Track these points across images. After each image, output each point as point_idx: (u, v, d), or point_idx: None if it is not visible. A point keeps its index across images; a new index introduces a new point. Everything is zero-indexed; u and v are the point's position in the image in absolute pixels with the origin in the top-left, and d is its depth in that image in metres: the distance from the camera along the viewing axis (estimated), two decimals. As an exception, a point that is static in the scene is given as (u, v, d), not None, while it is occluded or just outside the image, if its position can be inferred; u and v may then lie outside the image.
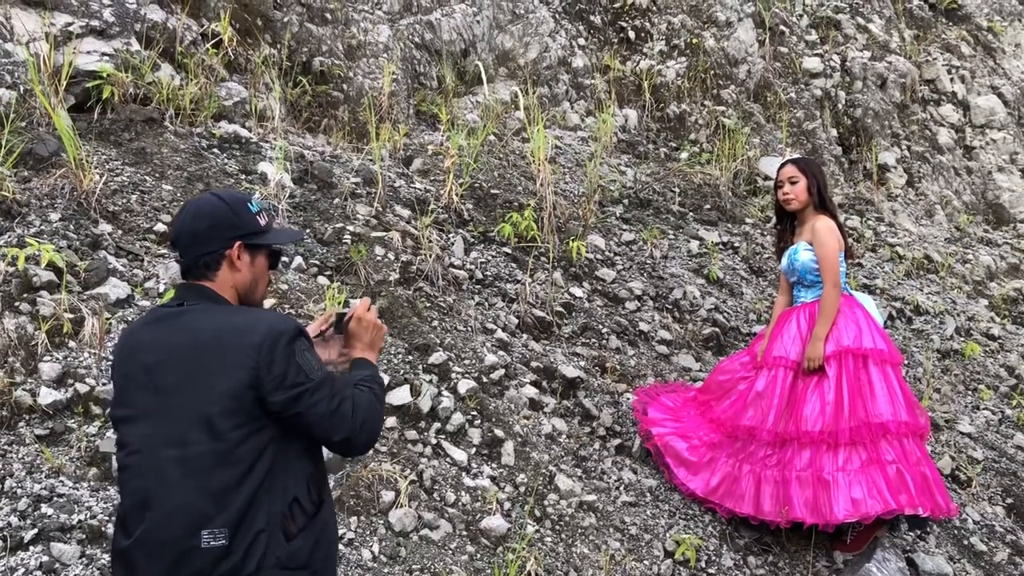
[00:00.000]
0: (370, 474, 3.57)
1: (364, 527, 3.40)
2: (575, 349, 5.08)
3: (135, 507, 2.01)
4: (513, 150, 6.87)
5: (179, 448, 1.99)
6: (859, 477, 3.97)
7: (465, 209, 5.77)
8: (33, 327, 3.42)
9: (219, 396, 2.00)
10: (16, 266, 3.54)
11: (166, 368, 2.05)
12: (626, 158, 7.75)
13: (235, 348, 2.02)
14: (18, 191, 3.99)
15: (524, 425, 4.28)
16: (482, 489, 3.82)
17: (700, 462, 4.26)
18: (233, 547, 1.96)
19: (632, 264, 6.09)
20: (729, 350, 5.63)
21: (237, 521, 1.97)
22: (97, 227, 4.09)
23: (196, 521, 1.95)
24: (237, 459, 2.00)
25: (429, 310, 4.73)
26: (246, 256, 2.18)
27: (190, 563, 1.94)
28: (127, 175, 4.53)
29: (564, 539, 3.80)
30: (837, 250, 4.22)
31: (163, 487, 1.98)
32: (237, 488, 1.99)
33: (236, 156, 5.18)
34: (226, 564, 1.96)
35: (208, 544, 1.94)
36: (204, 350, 2.03)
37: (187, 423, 2.00)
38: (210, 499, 1.97)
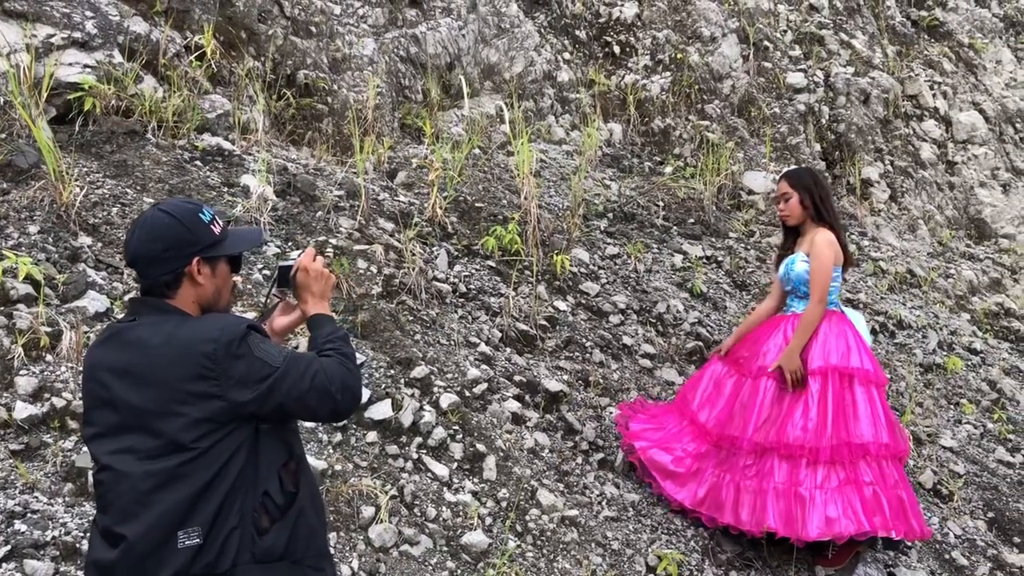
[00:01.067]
0: (350, 489, 3.55)
1: (344, 543, 3.38)
2: (559, 363, 5.07)
3: (114, 522, 2.01)
4: (498, 163, 6.87)
5: (148, 462, 1.99)
6: (836, 496, 3.98)
7: (449, 222, 5.76)
8: (9, 340, 3.39)
9: (179, 409, 1.99)
10: (-7, 279, 3.51)
11: (124, 385, 2.04)
12: (611, 172, 7.77)
13: (189, 360, 2.01)
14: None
15: (506, 440, 4.27)
16: (463, 504, 3.80)
17: (687, 473, 4.25)
18: (207, 545, 1.98)
19: (616, 278, 6.09)
20: (712, 364, 5.63)
21: (211, 520, 1.99)
22: (76, 240, 4.06)
23: (171, 526, 1.97)
24: (207, 465, 2.01)
25: (412, 324, 4.72)
26: (206, 269, 2.17)
27: (168, 566, 1.96)
28: (108, 187, 4.50)
29: (546, 554, 3.78)
30: (830, 266, 4.22)
31: (137, 503, 1.99)
32: (208, 491, 2.00)
33: (219, 169, 5.15)
34: (200, 562, 1.98)
35: (183, 544, 1.97)
36: (158, 365, 2.02)
37: (151, 437, 2.00)
38: (183, 506, 1.98)
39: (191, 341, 2.03)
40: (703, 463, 4.26)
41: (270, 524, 2.08)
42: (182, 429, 1.98)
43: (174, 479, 1.98)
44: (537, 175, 6.71)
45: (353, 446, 3.83)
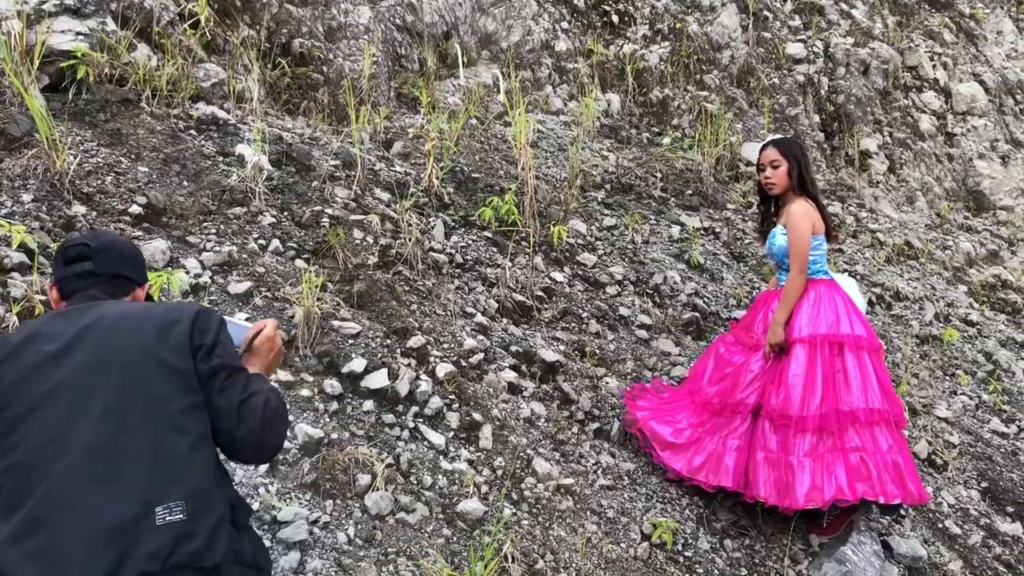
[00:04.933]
0: (346, 457, 3.56)
1: (340, 510, 3.39)
2: (555, 333, 5.07)
3: (65, 495, 1.78)
4: (495, 134, 6.84)
5: (117, 420, 1.85)
6: (819, 464, 4.01)
7: (446, 193, 5.73)
8: (4, 309, 3.38)
9: (158, 360, 1.93)
10: (-13, 247, 3.50)
11: (86, 346, 1.93)
12: (608, 143, 7.73)
13: (172, 313, 2.04)
14: (-11, 172, 3.93)
15: (503, 409, 4.27)
16: (459, 472, 3.81)
17: (686, 443, 4.27)
18: (194, 526, 1.82)
19: (613, 249, 6.08)
20: (709, 335, 5.64)
21: (193, 494, 1.85)
22: (71, 208, 4.04)
23: (146, 497, 1.80)
24: (183, 427, 1.90)
25: (408, 294, 4.71)
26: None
27: (143, 546, 1.76)
28: (102, 156, 4.47)
29: (541, 522, 3.80)
30: (808, 235, 4.23)
31: (104, 467, 1.80)
32: (189, 457, 1.88)
33: (213, 138, 5.12)
34: (186, 548, 1.80)
35: (164, 520, 1.79)
36: (134, 322, 1.99)
37: (121, 394, 1.88)
38: (160, 469, 1.83)
39: (174, 306, 2.11)
40: (702, 433, 4.28)
41: (242, 525, 2.04)
42: (159, 380, 1.97)
43: (149, 439, 1.90)
44: (534, 146, 6.68)
45: (349, 415, 3.84)
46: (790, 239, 4.23)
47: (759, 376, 4.29)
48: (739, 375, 4.35)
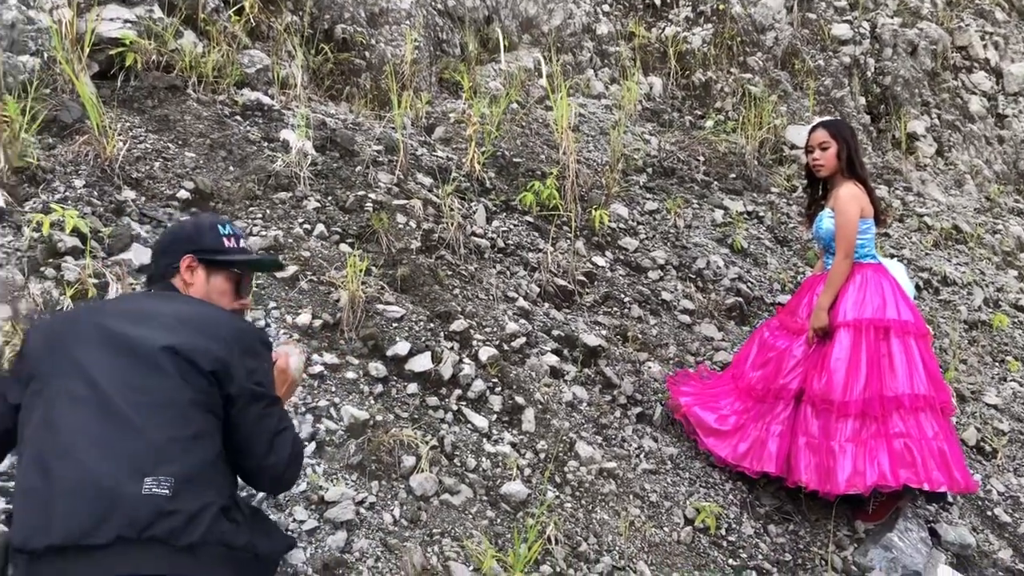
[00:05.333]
0: (391, 439, 3.59)
1: (385, 491, 3.43)
2: (597, 318, 5.07)
3: (67, 449, 1.91)
4: (536, 118, 6.82)
5: (139, 395, 1.96)
6: (861, 450, 3.98)
7: (487, 177, 5.74)
8: (58, 292, 3.46)
9: (185, 359, 2.01)
10: (41, 232, 3.57)
11: (131, 322, 2.07)
12: (650, 126, 7.67)
13: (220, 322, 2.13)
14: (43, 158, 4.01)
15: (545, 393, 4.28)
16: (503, 455, 3.83)
17: (731, 430, 4.25)
18: (177, 505, 1.88)
19: (655, 233, 6.05)
20: (752, 320, 5.60)
21: (183, 477, 1.91)
22: (121, 193, 4.11)
23: (141, 466, 1.88)
24: (189, 418, 1.98)
25: (451, 278, 4.73)
26: (201, 272, 2.33)
27: (125, 510, 1.84)
28: (150, 142, 4.55)
29: (584, 505, 3.81)
30: (856, 218, 4.17)
31: (110, 431, 1.92)
32: (188, 445, 1.96)
33: (259, 124, 5.18)
34: (164, 524, 1.86)
35: (150, 491, 1.86)
36: (182, 316, 2.10)
37: (147, 373, 1.98)
38: (160, 445, 1.92)
39: (227, 315, 2.22)
40: (746, 419, 4.25)
41: (240, 521, 2.06)
42: (182, 374, 2.03)
43: (156, 414, 1.98)
44: (576, 130, 6.65)
45: (394, 397, 3.87)
46: (837, 222, 4.18)
47: (802, 361, 4.26)
48: (782, 360, 4.31)
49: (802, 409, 4.14)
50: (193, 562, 1.91)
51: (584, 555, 3.54)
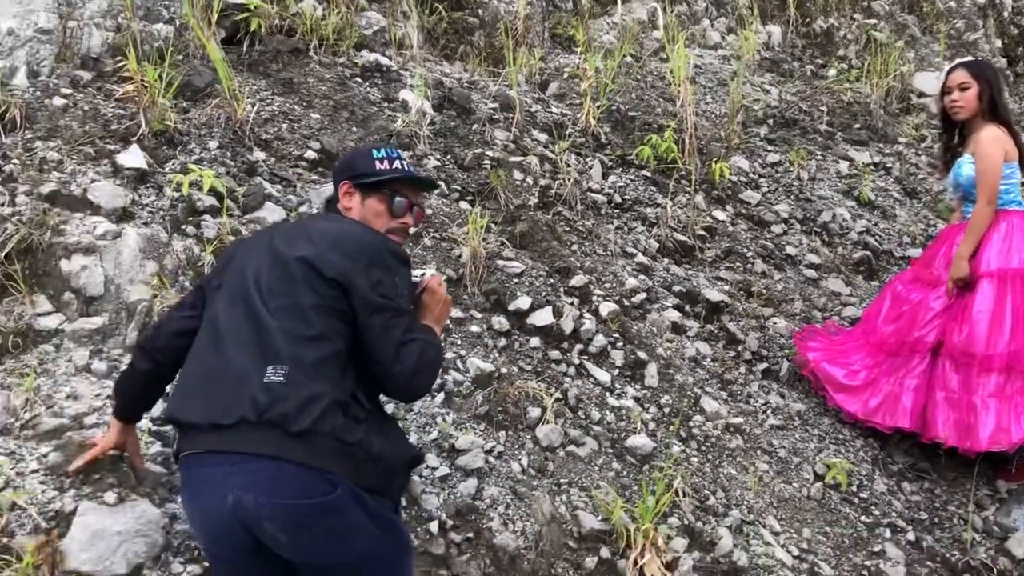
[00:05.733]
0: (516, 391, 3.63)
1: (512, 441, 3.47)
2: (718, 273, 4.97)
3: (216, 342, 2.17)
4: (651, 71, 6.69)
5: (274, 297, 2.17)
6: (1006, 405, 3.79)
7: (603, 132, 5.68)
8: (199, 248, 3.61)
9: (312, 267, 2.17)
10: (181, 191, 3.73)
11: (287, 238, 2.29)
12: (770, 77, 7.41)
13: (352, 241, 2.25)
14: (178, 121, 4.18)
15: (667, 348, 4.24)
16: (626, 409, 3.83)
17: (861, 385, 4.13)
18: (289, 392, 2.02)
19: (778, 186, 5.87)
20: (881, 274, 5.39)
21: (299, 368, 2.06)
22: (252, 154, 4.25)
23: (265, 358, 2.08)
24: (311, 320, 2.12)
25: (568, 234, 4.72)
26: (357, 196, 2.49)
27: (249, 396, 2.03)
28: (277, 104, 4.67)
29: (710, 460, 3.77)
30: (1000, 162, 3.95)
31: (249, 327, 2.15)
32: (307, 343, 2.10)
33: (378, 84, 5.25)
34: (278, 409, 2.01)
35: (269, 379, 2.04)
36: (324, 232, 2.28)
37: (283, 279, 2.18)
38: (282, 340, 2.09)
39: (364, 231, 2.34)
40: (878, 374, 4.11)
41: (356, 419, 2.12)
42: (315, 281, 2.17)
43: (287, 318, 2.14)
44: (692, 81, 6.49)
45: (517, 350, 3.90)
46: (979, 167, 3.96)
47: (940, 313, 4.08)
48: (917, 313, 4.14)
49: (940, 363, 3.98)
50: (305, 449, 2.01)
51: (712, 508, 3.51)
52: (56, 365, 3.05)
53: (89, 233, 3.39)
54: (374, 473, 2.11)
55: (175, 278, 3.46)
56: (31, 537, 2.48)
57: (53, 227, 3.34)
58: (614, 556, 3.16)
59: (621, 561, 3.14)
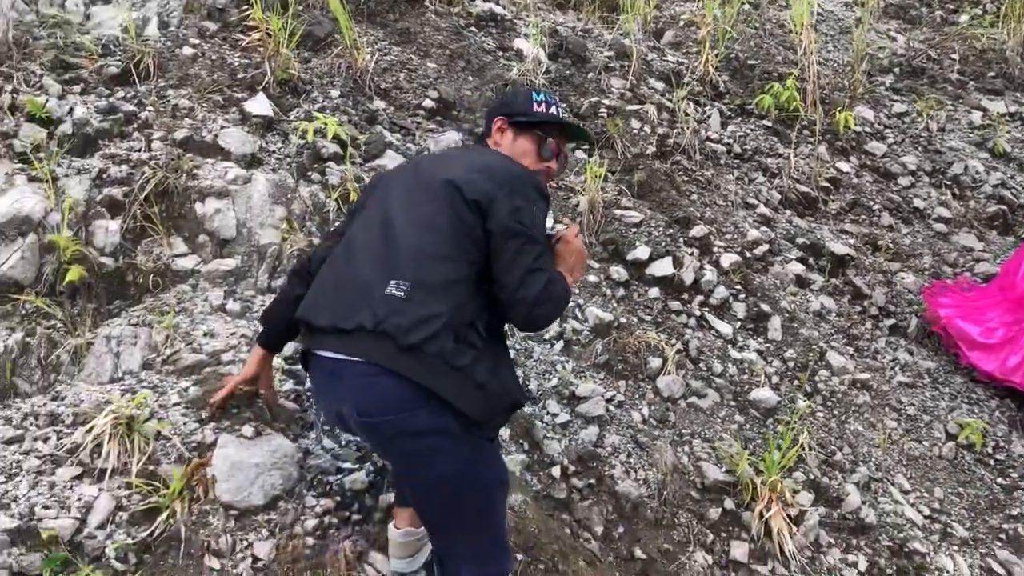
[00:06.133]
0: (636, 341, 3.58)
1: (632, 391, 3.44)
2: (843, 226, 4.79)
3: (350, 256, 2.22)
4: (769, 18, 6.44)
5: (410, 216, 2.19)
6: None
7: (721, 81, 5.51)
8: (324, 195, 3.66)
9: (456, 188, 2.16)
10: (306, 139, 3.79)
11: (435, 164, 2.32)
12: (896, 24, 7.05)
13: (499, 169, 2.24)
14: (301, 70, 4.23)
15: (791, 301, 4.12)
16: (749, 362, 3.74)
17: (999, 343, 3.93)
18: (407, 307, 2.03)
19: (905, 137, 5.60)
20: (1018, 229, 5.10)
21: (420, 285, 2.06)
22: (372, 103, 4.28)
23: (391, 272, 2.09)
24: (443, 240, 2.12)
25: (687, 184, 4.61)
26: (509, 133, 2.47)
27: (369, 305, 2.05)
28: (394, 54, 4.68)
29: (836, 415, 3.66)
30: None
31: (381, 243, 2.18)
32: (435, 262, 2.10)
33: (492, 34, 5.21)
34: (393, 321, 2.02)
35: (390, 292, 2.06)
36: (473, 160, 2.29)
37: (424, 200, 2.20)
38: (410, 256, 2.11)
39: (509, 163, 2.30)
40: (1017, 331, 3.90)
41: (468, 344, 2.09)
42: (454, 203, 2.16)
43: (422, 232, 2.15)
44: (814, 29, 6.22)
45: (636, 301, 3.85)
46: None
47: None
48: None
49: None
50: (414, 364, 2.02)
51: (839, 464, 3.41)
52: (193, 304, 3.16)
53: (221, 178, 3.48)
54: (473, 400, 2.08)
55: (302, 223, 3.53)
56: (176, 466, 2.58)
57: (187, 171, 3.44)
58: (738, 508, 3.10)
59: (746, 513, 3.09)
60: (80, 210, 3.18)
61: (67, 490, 2.48)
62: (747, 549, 3.00)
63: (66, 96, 3.63)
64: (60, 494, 2.46)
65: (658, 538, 2.96)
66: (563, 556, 2.75)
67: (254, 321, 3.17)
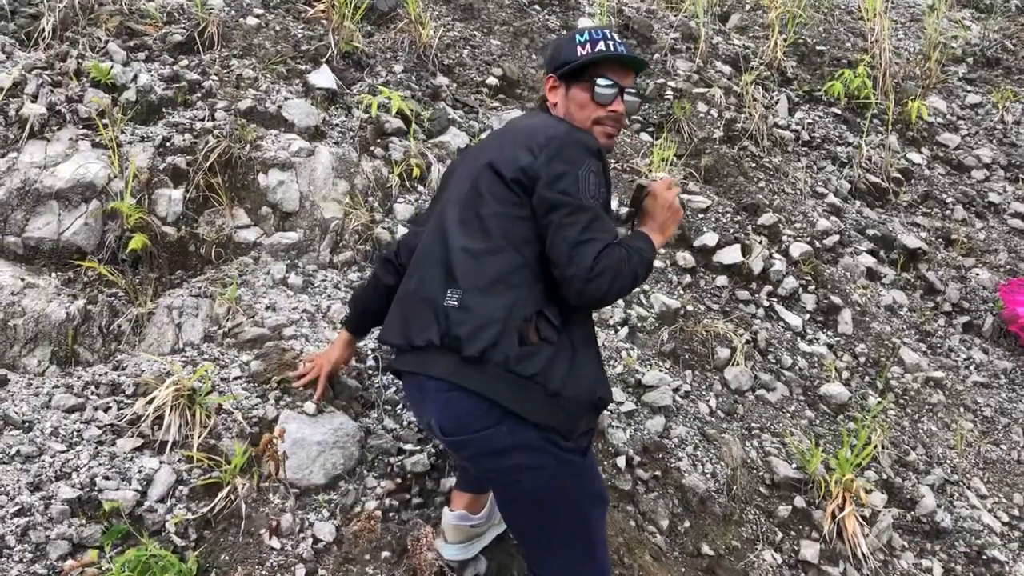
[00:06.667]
0: (703, 330, 3.47)
1: (699, 381, 3.33)
2: (915, 219, 4.62)
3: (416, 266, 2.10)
4: (838, 4, 6.25)
5: (457, 211, 2.05)
6: None
7: (788, 67, 5.34)
8: (387, 170, 3.59)
9: (495, 171, 1.99)
10: (370, 113, 3.71)
11: (486, 145, 2.14)
12: (968, 12, 6.82)
13: (537, 134, 2.00)
14: (364, 44, 4.15)
15: (862, 294, 3.97)
16: (819, 356, 3.61)
17: (1078, 345, 3.76)
18: (462, 317, 1.90)
19: (979, 129, 5.40)
20: (1097, 228, 4.89)
21: (472, 290, 1.93)
22: (435, 79, 4.19)
23: (446, 280, 1.97)
24: (489, 231, 1.96)
25: (755, 170, 4.47)
26: (561, 88, 2.18)
27: (433, 320, 1.94)
28: (458, 30, 4.59)
29: (909, 414, 3.52)
30: None
31: (438, 247, 2.04)
32: (483, 258, 1.95)
33: (556, 12, 5.10)
34: (452, 333, 1.90)
35: (446, 303, 1.94)
36: (516, 130, 2.09)
37: (468, 191, 2.05)
38: (457, 259, 1.97)
39: (548, 125, 2.05)
40: (1103, 332, 3.74)
41: (537, 340, 1.90)
42: (492, 188, 2.00)
43: (465, 232, 2.01)
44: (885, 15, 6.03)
45: (703, 288, 3.74)
46: None
47: None
48: None
49: None
50: (478, 377, 1.88)
51: (912, 465, 3.28)
52: (255, 277, 3.10)
53: (284, 150, 3.41)
54: (549, 411, 1.89)
55: (365, 198, 3.45)
56: (237, 441, 2.52)
57: (251, 142, 3.38)
58: (809, 506, 2.99)
59: (816, 512, 2.97)
60: (144, 178, 3.13)
61: (128, 462, 2.43)
62: (817, 550, 2.88)
63: (130, 63, 3.58)
64: (121, 465, 2.42)
65: (726, 534, 2.85)
66: (629, 550, 2.66)
67: (316, 296, 3.11)
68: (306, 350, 2.85)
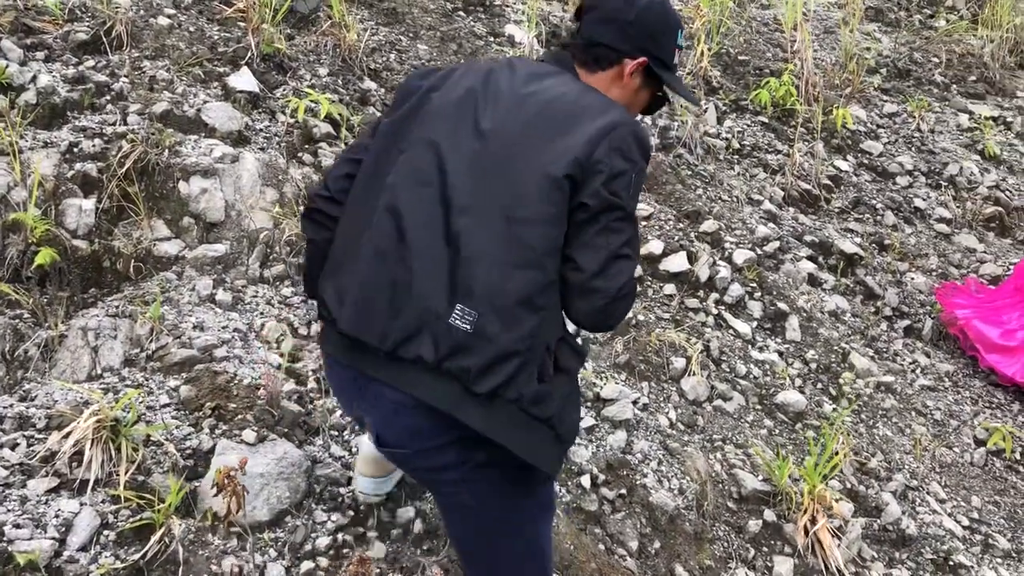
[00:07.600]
0: (656, 339, 3.34)
1: (657, 393, 3.19)
2: (848, 224, 4.63)
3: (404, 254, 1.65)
4: (754, 16, 6.30)
5: (489, 202, 1.65)
6: None
7: (714, 76, 5.32)
8: (318, 177, 3.34)
9: (550, 168, 1.63)
10: (296, 117, 3.46)
11: (504, 108, 1.71)
12: (875, 26, 6.98)
13: (595, 115, 1.67)
14: (286, 47, 3.90)
15: (806, 300, 3.92)
16: (771, 363, 3.52)
17: (1019, 345, 3.78)
18: (473, 344, 1.57)
19: (898, 137, 5.48)
20: (1014, 231, 5.01)
21: (491, 312, 1.58)
22: (363, 83, 3.97)
23: (455, 291, 1.59)
24: (525, 241, 1.61)
25: (692, 178, 4.40)
26: (638, 79, 1.86)
27: (431, 335, 1.58)
28: (383, 34, 4.39)
29: (864, 419, 3.46)
30: None
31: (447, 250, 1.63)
32: (509, 272, 1.60)
33: (481, 19, 4.94)
34: (459, 362, 1.57)
35: (455, 321, 1.57)
36: (571, 110, 1.70)
37: (504, 180, 1.65)
38: (476, 270, 1.59)
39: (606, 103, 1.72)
40: (1040, 333, 3.77)
41: (551, 375, 1.67)
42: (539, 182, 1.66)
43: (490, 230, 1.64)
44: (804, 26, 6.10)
45: (652, 298, 3.61)
46: None
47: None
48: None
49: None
50: (484, 417, 1.60)
51: (874, 472, 3.21)
52: (179, 294, 2.81)
53: (206, 155, 3.14)
54: (547, 455, 1.69)
55: (295, 207, 3.20)
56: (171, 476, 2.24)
57: (169, 147, 3.09)
58: (779, 519, 2.87)
59: (788, 525, 2.85)
60: (49, 186, 2.81)
61: (42, 505, 2.13)
62: (792, 565, 2.76)
63: (28, 63, 3.25)
64: (34, 510, 2.11)
65: (699, 553, 2.71)
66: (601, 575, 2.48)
67: (247, 313, 2.84)
68: (240, 372, 2.58)
